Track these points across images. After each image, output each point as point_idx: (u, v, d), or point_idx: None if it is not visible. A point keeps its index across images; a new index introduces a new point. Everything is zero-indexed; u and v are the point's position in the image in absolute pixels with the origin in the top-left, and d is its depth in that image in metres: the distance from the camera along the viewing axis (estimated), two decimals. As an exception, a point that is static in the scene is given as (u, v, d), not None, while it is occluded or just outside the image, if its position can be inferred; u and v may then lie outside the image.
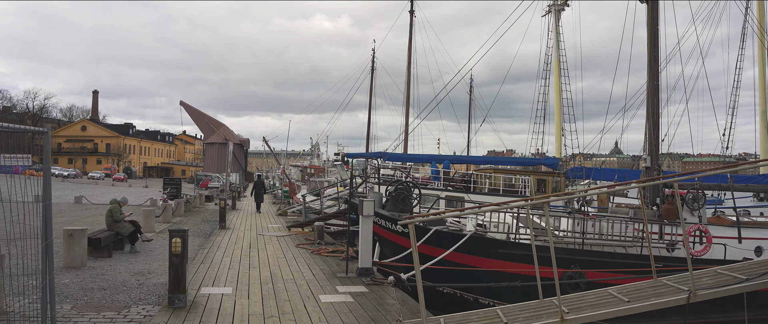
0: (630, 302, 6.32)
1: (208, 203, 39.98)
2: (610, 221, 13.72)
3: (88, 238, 12.77)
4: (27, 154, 5.89)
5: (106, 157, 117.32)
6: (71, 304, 8.76)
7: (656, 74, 16.92)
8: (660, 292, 6.65)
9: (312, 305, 9.20)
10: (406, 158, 32.81)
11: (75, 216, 25.39)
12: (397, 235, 13.59)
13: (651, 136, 16.66)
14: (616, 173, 25.86)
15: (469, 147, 53.79)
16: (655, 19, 16.99)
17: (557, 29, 31.20)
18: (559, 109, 30.47)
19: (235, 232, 20.46)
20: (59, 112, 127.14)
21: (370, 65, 56.50)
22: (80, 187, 55.08)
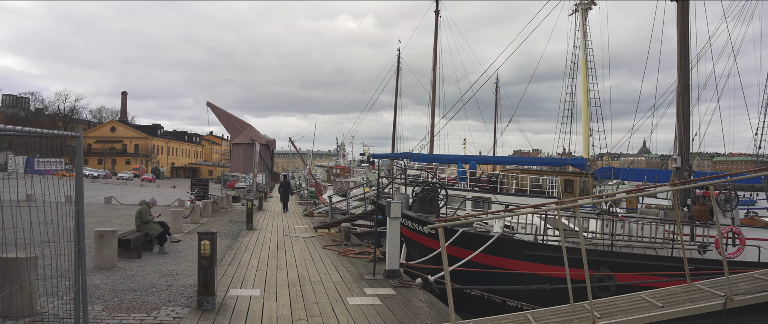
0: (664, 307, 6.20)
1: (235, 204, 40.25)
2: (640, 223, 13.52)
3: (118, 240, 12.90)
4: (60, 159, 5.94)
5: (134, 157, 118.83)
6: (102, 306, 8.84)
7: (686, 73, 16.64)
8: (694, 297, 6.51)
9: (340, 308, 9.18)
10: (432, 159, 32.72)
11: (105, 217, 25.72)
12: (424, 237, 13.53)
13: (681, 136, 16.38)
14: (645, 173, 25.52)
15: (495, 147, 53.57)
16: (685, 17, 16.70)
17: (584, 28, 30.85)
18: (587, 109, 30.10)
19: (262, 233, 20.55)
20: (89, 113, 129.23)
21: (395, 65, 56.50)
22: (109, 188, 55.82)
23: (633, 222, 13.62)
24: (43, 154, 36.64)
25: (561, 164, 29.25)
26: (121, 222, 21.83)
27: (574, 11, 30.74)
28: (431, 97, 44.81)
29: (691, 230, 13.72)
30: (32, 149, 52.85)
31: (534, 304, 10.47)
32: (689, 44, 16.73)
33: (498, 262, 12.14)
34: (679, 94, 16.57)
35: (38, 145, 6.24)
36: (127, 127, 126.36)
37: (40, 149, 6.27)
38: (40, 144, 6.55)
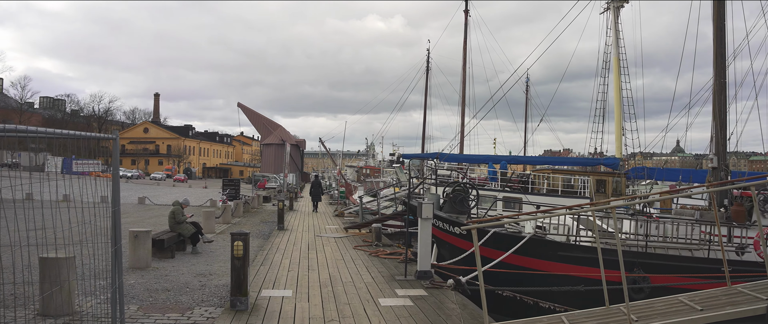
0: (703, 311, 6.06)
1: (266, 204, 40.52)
2: (675, 223, 13.28)
3: (152, 240, 13.07)
4: (97, 161, 6.02)
5: (167, 158, 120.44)
6: (137, 305, 8.95)
7: (723, 71, 16.34)
8: (735, 300, 6.36)
9: (372, 309, 9.17)
10: (463, 159, 32.55)
11: (138, 217, 26.07)
12: (455, 237, 13.46)
13: (718, 135, 16.07)
14: (680, 173, 25.09)
15: (525, 147, 53.10)
16: (721, 14, 16.40)
17: (616, 26, 30.42)
18: (619, 107, 29.66)
19: (293, 234, 20.65)
20: (123, 114, 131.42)
21: (424, 65, 56.37)
22: (143, 188, 56.58)
23: (668, 223, 13.39)
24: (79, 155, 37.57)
25: (593, 164, 28.91)
26: (155, 222, 22.10)
27: (605, 9, 30.32)
28: (461, 96, 44.63)
29: (729, 231, 13.45)
30: (68, 150, 53.77)
31: (567, 306, 10.35)
32: (725, 41, 16.42)
33: (530, 263, 12.02)
34: (715, 92, 16.27)
35: (74, 147, 6.33)
36: (159, 128, 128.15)
37: (76, 150, 6.36)
38: (76, 145, 6.64)
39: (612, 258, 8.70)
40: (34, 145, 61.10)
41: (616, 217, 14.10)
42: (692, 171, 26.39)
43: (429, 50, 56.70)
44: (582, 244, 12.33)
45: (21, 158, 61.18)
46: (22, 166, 52.70)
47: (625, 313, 6.35)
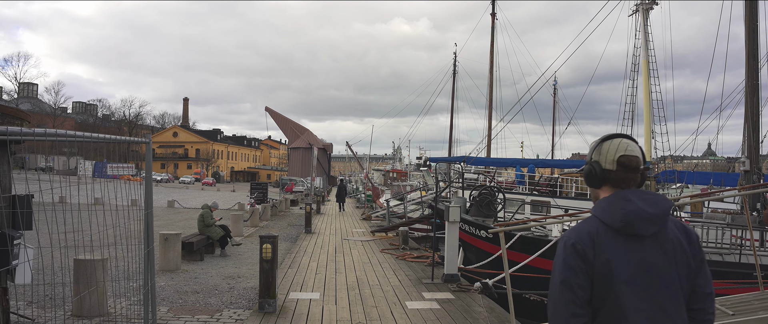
0: (734, 315, 5.99)
1: (293, 207, 40.78)
2: (705, 227, 13.10)
3: (181, 242, 13.26)
4: (131, 164, 6.14)
5: (195, 162, 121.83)
6: (167, 307, 9.09)
7: (756, 72, 16.08)
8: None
9: (399, 312, 9.21)
10: (490, 162, 32.46)
11: (168, 220, 26.42)
12: (482, 241, 13.44)
13: (750, 138, 15.83)
14: (711, 177, 24.72)
15: (553, 150, 52.70)
16: (753, 14, 16.16)
17: (645, 28, 30.11)
18: (649, 110, 29.33)
19: (320, 237, 20.76)
20: (153, 119, 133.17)
21: (451, 69, 56.25)
22: (172, 192, 57.30)
23: (697, 226, 13.21)
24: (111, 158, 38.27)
25: (622, 167, 28.58)
26: (184, 225, 22.40)
27: (634, 11, 30.04)
28: (488, 100, 44.50)
29: (761, 235, 13.24)
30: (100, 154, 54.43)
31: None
32: (758, 42, 16.18)
33: (557, 267, 11.94)
34: (747, 94, 16.03)
35: (105, 150, 6.47)
36: (188, 132, 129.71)
37: (107, 154, 6.50)
38: (107, 149, 6.79)
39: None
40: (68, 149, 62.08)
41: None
42: (724, 174, 25.97)
43: (456, 54, 56.62)
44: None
45: (55, 162, 62.39)
46: (55, 170, 53.75)
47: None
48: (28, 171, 37.89)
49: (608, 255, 2.31)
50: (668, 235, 2.37)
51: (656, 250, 2.34)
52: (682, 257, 2.37)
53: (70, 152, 70.88)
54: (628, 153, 2.51)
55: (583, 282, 2.30)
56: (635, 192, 2.44)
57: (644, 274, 2.31)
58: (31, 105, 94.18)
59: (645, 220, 2.32)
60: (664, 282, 2.32)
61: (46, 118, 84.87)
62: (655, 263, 2.32)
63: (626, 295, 2.27)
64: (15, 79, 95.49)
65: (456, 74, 56.13)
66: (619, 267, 2.29)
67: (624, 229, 2.33)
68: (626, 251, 2.32)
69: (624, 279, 2.29)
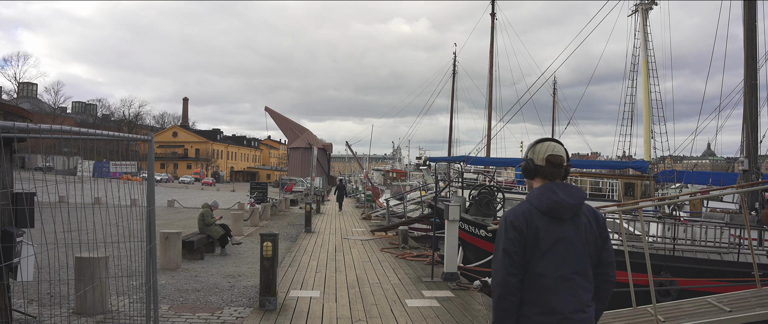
0: (732, 312, 6.04)
1: (293, 207, 40.84)
2: (704, 227, 13.14)
3: (182, 241, 13.29)
4: (133, 161, 6.19)
5: (195, 162, 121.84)
6: (168, 305, 9.13)
7: (754, 72, 16.12)
8: (765, 302, 6.32)
9: (399, 310, 9.25)
10: (490, 162, 32.52)
11: (168, 219, 26.46)
12: (481, 240, 13.48)
13: (749, 138, 15.87)
14: (710, 176, 24.77)
15: (553, 150, 52.66)
16: (752, 15, 16.21)
17: (645, 28, 30.17)
18: (648, 110, 29.39)
19: (320, 236, 20.81)
20: (152, 119, 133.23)
21: (451, 69, 56.37)
22: (172, 191, 57.33)
23: (696, 226, 13.25)
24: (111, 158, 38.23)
25: (621, 167, 28.69)
26: (184, 224, 22.44)
27: (634, 11, 30.11)
28: (488, 100, 44.57)
29: (759, 235, 13.27)
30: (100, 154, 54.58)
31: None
32: (756, 43, 16.22)
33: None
34: (746, 94, 16.07)
35: (106, 150, 6.51)
36: (188, 132, 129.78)
37: (107, 153, 6.54)
38: (107, 148, 6.83)
39: (639, 261, 8.66)
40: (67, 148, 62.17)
41: (645, 220, 14.05)
42: (723, 174, 26.03)
43: (455, 54, 56.70)
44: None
45: (54, 162, 62.38)
46: (55, 170, 53.75)
47: (652, 314, 6.35)
48: (28, 171, 37.89)
49: (536, 230, 3.10)
50: (582, 218, 3.16)
51: (572, 228, 3.13)
52: (591, 234, 3.18)
53: (70, 152, 70.90)
54: (554, 153, 3.28)
55: (519, 249, 3.10)
56: (560, 185, 3.21)
57: (561, 244, 3.10)
58: (31, 105, 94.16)
59: (564, 208, 3.11)
60: (575, 251, 3.11)
61: (46, 117, 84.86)
62: (570, 237, 3.11)
63: (547, 258, 3.08)
64: (14, 79, 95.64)
65: (455, 74, 56.24)
66: (543, 239, 3.09)
67: (548, 213, 3.11)
68: (549, 228, 3.10)
69: (546, 247, 3.09)
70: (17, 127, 3.51)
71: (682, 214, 16.62)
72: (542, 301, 3.09)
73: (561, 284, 3.08)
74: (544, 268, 3.08)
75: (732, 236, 13.00)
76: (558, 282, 3.08)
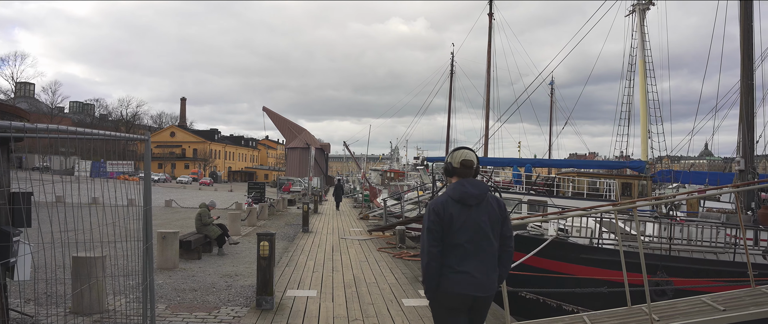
0: (726, 311, 6.07)
1: (291, 207, 40.83)
2: (700, 226, 13.17)
3: (179, 241, 13.30)
4: (130, 161, 6.20)
5: (193, 162, 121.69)
6: (165, 305, 9.15)
7: (750, 73, 16.19)
8: (759, 301, 6.35)
9: (395, 309, 9.28)
10: (487, 162, 32.52)
11: (166, 219, 26.44)
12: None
13: (745, 138, 15.93)
14: (707, 176, 24.81)
15: (550, 150, 52.86)
16: (748, 14, 16.27)
17: (642, 28, 30.20)
18: (645, 110, 29.42)
19: (317, 236, 20.83)
20: (150, 118, 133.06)
21: (448, 69, 56.42)
22: (170, 191, 57.25)
23: (692, 225, 13.28)
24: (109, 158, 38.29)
25: (618, 167, 28.71)
26: (182, 224, 22.43)
27: (631, 11, 30.13)
28: (485, 100, 44.61)
29: (756, 234, 13.31)
30: (97, 154, 54.44)
31: (590, 308, 10.34)
32: (753, 43, 16.28)
33: (552, 265, 12.03)
34: (742, 94, 16.12)
35: (103, 150, 6.53)
36: (186, 132, 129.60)
37: (105, 153, 6.56)
38: (104, 148, 6.85)
39: (635, 261, 8.70)
40: (65, 148, 62.10)
41: (641, 220, 14.08)
42: (719, 174, 26.07)
43: (453, 54, 56.73)
44: (605, 246, 12.29)
45: (51, 162, 62.31)
46: (52, 170, 53.68)
47: (646, 313, 6.38)
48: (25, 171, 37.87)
49: (451, 213, 4.25)
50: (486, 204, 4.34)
51: (479, 211, 4.30)
52: (494, 216, 4.35)
53: (67, 152, 70.81)
54: (467, 158, 4.50)
55: (439, 228, 4.25)
56: (469, 181, 4.43)
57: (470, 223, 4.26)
58: (28, 105, 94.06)
59: (471, 196, 4.31)
60: (481, 228, 4.27)
61: (44, 117, 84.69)
62: (476, 218, 4.27)
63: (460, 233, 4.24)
64: (12, 79, 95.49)
65: (453, 74, 56.29)
66: (456, 219, 4.25)
67: (460, 201, 4.29)
68: (461, 211, 4.27)
69: (459, 225, 4.24)
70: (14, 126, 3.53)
71: (679, 214, 16.64)
72: (456, 263, 4.27)
73: (469, 252, 4.26)
74: (457, 240, 4.25)
75: (728, 236, 13.03)
76: (467, 250, 4.26)
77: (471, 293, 4.25)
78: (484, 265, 4.28)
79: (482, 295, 4.28)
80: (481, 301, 4.35)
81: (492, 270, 4.33)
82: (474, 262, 4.25)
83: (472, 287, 4.24)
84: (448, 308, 4.38)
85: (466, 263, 4.25)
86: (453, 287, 4.25)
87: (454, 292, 4.27)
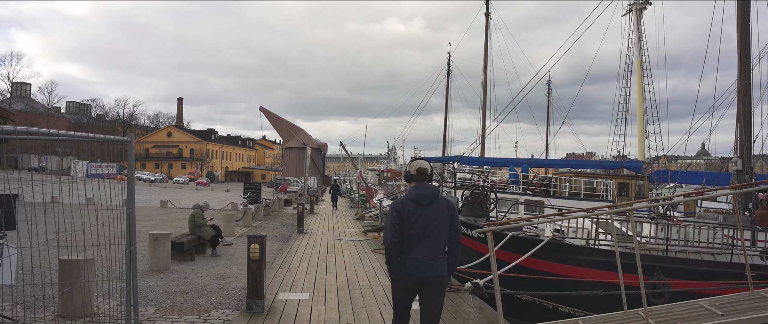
0: (724, 316, 5.94)
1: (287, 207, 40.70)
2: (697, 227, 13.06)
3: (171, 242, 13.16)
4: (113, 163, 6.08)
5: (190, 162, 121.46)
6: (155, 307, 9.02)
7: (747, 72, 16.08)
8: (758, 305, 6.23)
9: (388, 312, 9.15)
10: (484, 162, 32.47)
11: (160, 220, 26.32)
12: (473, 241, 13.39)
13: (742, 138, 15.82)
14: (704, 176, 24.74)
15: (547, 150, 52.78)
16: (745, 14, 16.17)
17: (639, 28, 30.11)
18: (642, 110, 29.33)
19: (312, 237, 20.71)
20: (147, 118, 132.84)
21: (445, 68, 56.34)
22: (166, 191, 57.13)
23: (689, 226, 13.17)
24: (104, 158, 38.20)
25: (615, 167, 28.63)
26: (176, 225, 22.29)
27: (628, 11, 30.04)
28: (482, 99, 44.51)
29: (753, 235, 13.20)
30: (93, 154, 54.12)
31: (586, 311, 10.23)
32: (750, 43, 16.18)
33: (548, 266, 11.92)
34: (739, 94, 16.02)
35: (99, 151, 6.41)
36: (182, 132, 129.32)
37: (101, 154, 6.44)
38: (101, 149, 6.73)
39: (631, 262, 8.58)
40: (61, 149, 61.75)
41: (638, 221, 13.97)
42: (717, 174, 25.99)
43: (450, 53, 56.64)
44: (601, 247, 12.18)
45: (48, 162, 62.13)
46: (48, 170, 53.52)
47: (643, 317, 6.26)
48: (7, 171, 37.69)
49: (408, 210, 5.37)
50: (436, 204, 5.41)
51: (430, 209, 5.38)
52: (443, 213, 5.42)
53: (64, 152, 70.65)
54: (421, 167, 5.63)
55: (399, 222, 5.36)
56: (424, 185, 5.54)
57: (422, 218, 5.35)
58: (25, 105, 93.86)
59: (425, 197, 5.40)
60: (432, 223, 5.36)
61: (40, 118, 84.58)
62: (429, 215, 5.36)
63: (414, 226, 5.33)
64: (8, 79, 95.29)
65: (450, 74, 56.26)
66: (412, 216, 5.35)
67: (415, 201, 5.39)
68: (415, 209, 5.37)
69: (414, 220, 5.34)
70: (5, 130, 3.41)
71: (676, 215, 16.54)
72: (409, 250, 5.41)
73: (421, 241, 5.37)
74: (412, 232, 5.37)
75: (725, 237, 12.92)
76: (420, 240, 5.37)
77: (418, 274, 5.40)
78: (431, 252, 5.39)
79: (428, 275, 5.41)
80: (428, 281, 5.46)
81: (438, 256, 5.44)
82: (422, 250, 5.38)
83: (419, 270, 5.38)
84: (402, 286, 5.63)
85: (416, 250, 5.39)
86: (406, 270, 5.43)
87: (406, 274, 5.44)
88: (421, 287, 5.52)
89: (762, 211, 13.99)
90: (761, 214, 13.93)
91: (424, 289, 5.54)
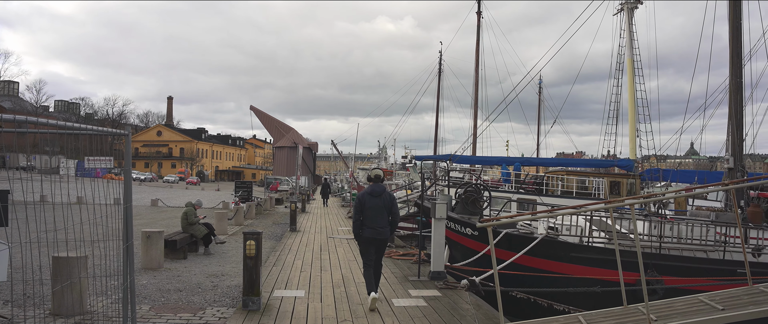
0: (725, 310, 5.93)
1: (278, 206, 40.55)
2: (690, 224, 13.09)
3: (164, 240, 13.06)
4: (109, 157, 5.99)
5: (180, 161, 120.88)
6: (149, 305, 8.93)
7: (739, 70, 16.14)
8: (758, 300, 6.22)
9: (385, 309, 9.11)
10: (475, 160, 32.47)
11: (151, 218, 26.15)
12: (467, 238, 13.37)
13: (734, 136, 15.87)
14: (695, 175, 24.83)
15: (538, 149, 52.83)
16: (737, 13, 16.22)
17: (630, 28, 30.16)
18: (633, 110, 29.39)
19: (305, 235, 20.62)
20: (136, 117, 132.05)
21: (436, 68, 56.34)
22: (156, 191, 56.84)
23: (682, 224, 13.19)
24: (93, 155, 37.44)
25: (607, 166, 28.70)
26: (167, 224, 22.16)
27: (619, 10, 30.09)
28: (473, 99, 44.52)
29: (745, 232, 13.23)
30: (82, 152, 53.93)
31: (581, 308, 10.21)
32: (741, 41, 16.24)
33: (542, 264, 11.91)
34: (731, 92, 16.07)
35: (88, 148, 6.32)
36: (172, 131, 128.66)
37: (90, 151, 6.35)
38: (90, 146, 6.64)
39: (626, 259, 8.55)
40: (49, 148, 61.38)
41: (629, 218, 13.96)
42: (707, 173, 26.11)
43: (441, 53, 56.64)
44: (594, 245, 12.18)
45: (36, 161, 61.68)
46: (36, 169, 53.11)
47: (643, 312, 6.24)
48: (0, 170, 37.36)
49: (365, 201, 9.16)
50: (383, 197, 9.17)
51: (379, 200, 9.14)
52: (387, 202, 9.21)
53: (52, 151, 70.12)
54: (376, 174, 9.60)
55: (360, 206, 9.19)
56: (377, 185, 9.33)
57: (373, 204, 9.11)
58: (12, 103, 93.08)
59: (376, 192, 9.18)
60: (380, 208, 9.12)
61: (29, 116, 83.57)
62: (377, 203, 9.11)
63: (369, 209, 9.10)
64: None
65: (441, 73, 56.24)
66: (368, 203, 9.13)
67: (371, 194, 9.17)
68: (370, 199, 9.14)
69: (370, 206, 9.10)
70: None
71: (668, 212, 16.58)
72: (367, 223, 9.07)
73: (374, 218, 9.03)
74: (368, 213, 9.04)
75: (718, 234, 12.95)
76: (373, 216, 9.02)
77: (373, 237, 9.06)
78: (379, 224, 9.06)
79: (378, 237, 9.08)
80: (378, 242, 9.14)
81: (383, 227, 9.10)
82: (373, 223, 9.04)
83: (373, 234, 9.06)
84: (364, 243, 9.22)
85: (369, 222, 9.05)
86: (366, 233, 9.10)
87: (366, 236, 9.11)
88: (374, 244, 9.15)
89: (753, 208, 14.05)
90: (752, 211, 13.98)
91: (376, 246, 9.17)
